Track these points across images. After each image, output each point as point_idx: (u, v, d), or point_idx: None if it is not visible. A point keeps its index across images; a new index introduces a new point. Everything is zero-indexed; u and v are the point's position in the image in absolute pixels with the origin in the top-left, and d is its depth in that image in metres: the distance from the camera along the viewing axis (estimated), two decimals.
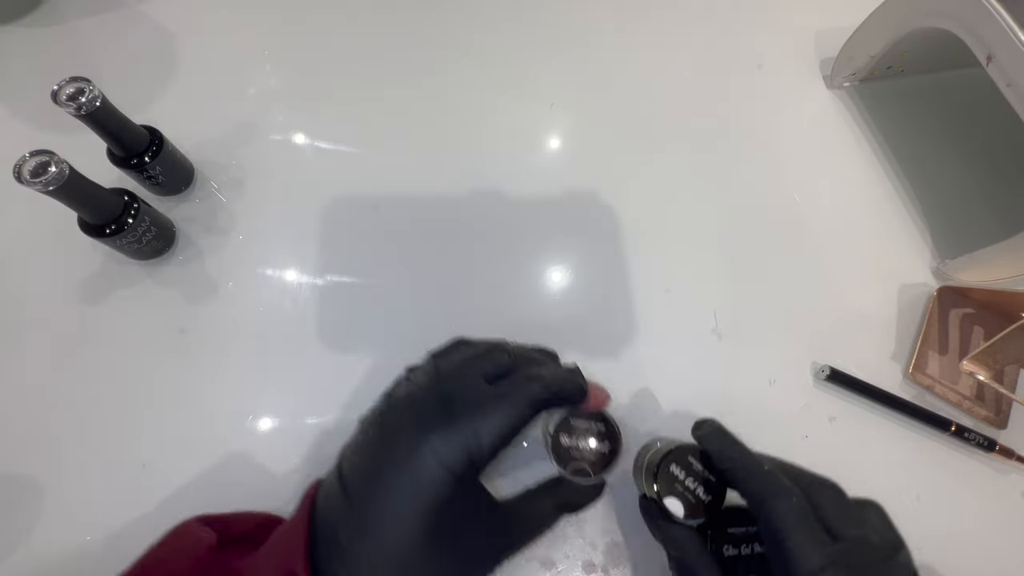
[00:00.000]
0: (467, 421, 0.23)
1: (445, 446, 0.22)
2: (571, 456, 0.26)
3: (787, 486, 0.25)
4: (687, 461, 0.28)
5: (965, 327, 0.42)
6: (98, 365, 0.36)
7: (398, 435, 0.23)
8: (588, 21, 0.51)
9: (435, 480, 0.22)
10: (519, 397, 0.24)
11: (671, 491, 0.27)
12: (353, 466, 0.24)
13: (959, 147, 0.48)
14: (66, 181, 0.30)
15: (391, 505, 0.22)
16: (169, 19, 0.47)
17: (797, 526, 0.23)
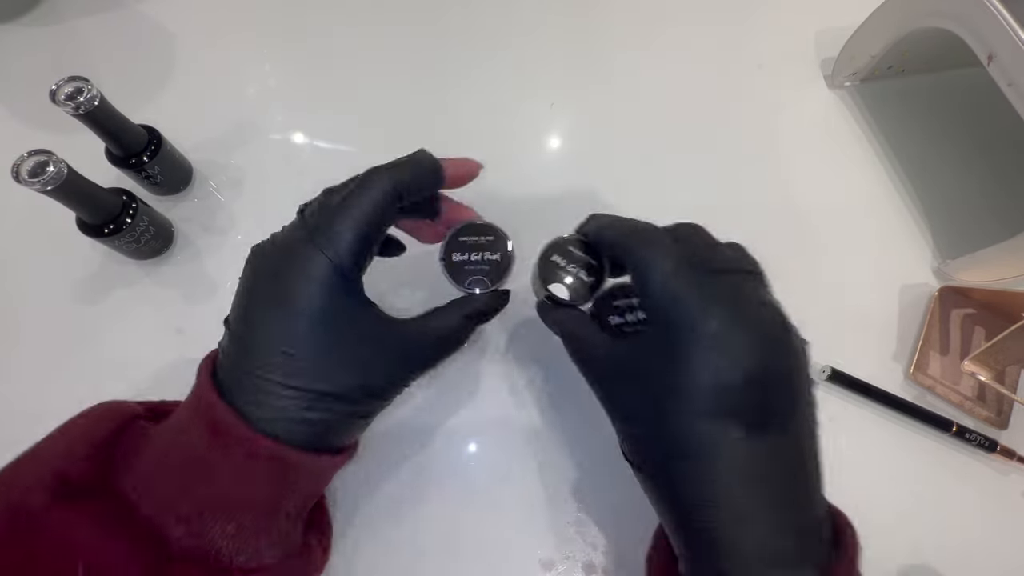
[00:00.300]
0: (320, 230, 0.23)
1: (300, 255, 0.23)
2: (466, 271, 0.28)
3: (650, 225, 0.26)
4: (567, 250, 0.29)
5: (966, 327, 0.42)
6: (96, 365, 0.36)
7: (262, 265, 0.24)
8: (588, 21, 0.50)
9: (295, 286, 0.23)
10: (363, 187, 0.24)
11: (555, 278, 0.28)
12: (232, 306, 0.25)
13: (960, 147, 0.48)
14: (64, 181, 0.30)
15: (269, 323, 0.23)
16: (168, 18, 0.47)
17: (655, 247, 0.23)
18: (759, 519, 0.21)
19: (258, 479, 0.22)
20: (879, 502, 0.37)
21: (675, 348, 0.21)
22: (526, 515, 0.34)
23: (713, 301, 0.21)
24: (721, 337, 0.21)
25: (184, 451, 0.23)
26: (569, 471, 0.36)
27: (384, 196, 0.24)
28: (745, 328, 0.21)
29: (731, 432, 0.21)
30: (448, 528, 0.34)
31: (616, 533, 0.34)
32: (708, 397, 0.21)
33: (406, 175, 0.25)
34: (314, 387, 0.23)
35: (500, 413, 0.37)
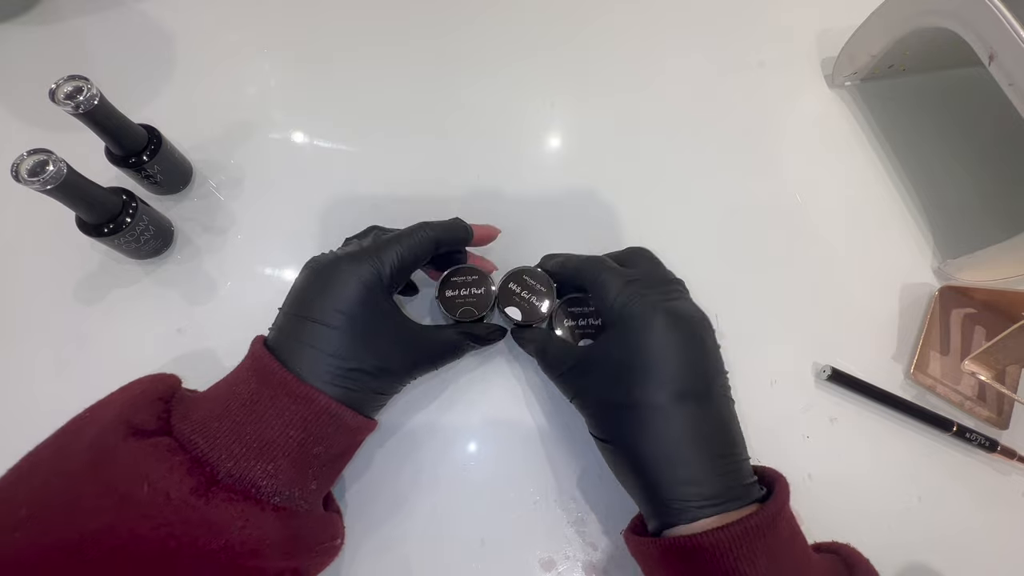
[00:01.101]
0: (372, 251, 0.30)
1: (354, 264, 0.30)
2: (456, 304, 0.35)
3: (599, 256, 0.34)
4: (522, 279, 0.36)
5: (967, 327, 0.42)
6: (96, 365, 0.36)
7: (320, 267, 0.30)
8: (589, 21, 0.50)
9: (347, 285, 0.29)
10: (412, 232, 0.32)
11: (510, 303, 0.35)
12: (288, 299, 0.31)
13: (961, 146, 0.48)
14: (64, 180, 0.30)
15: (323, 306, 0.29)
16: (168, 17, 0.47)
17: (608, 271, 0.32)
18: (696, 468, 0.27)
19: (296, 421, 0.27)
20: (880, 502, 0.37)
21: (628, 339, 0.29)
22: (526, 515, 0.34)
23: (650, 304, 0.29)
24: (659, 326, 0.28)
25: (238, 399, 0.27)
26: (569, 471, 0.36)
27: (425, 241, 0.32)
28: (673, 317, 0.29)
29: (675, 395, 0.28)
30: (448, 528, 0.34)
31: (616, 533, 0.34)
32: (657, 370, 0.28)
33: (444, 232, 0.33)
34: (348, 358, 0.28)
35: (500, 414, 0.37)
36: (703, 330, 0.30)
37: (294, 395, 0.27)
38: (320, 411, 0.27)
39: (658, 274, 0.33)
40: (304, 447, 0.27)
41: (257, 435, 0.26)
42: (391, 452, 0.35)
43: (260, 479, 0.26)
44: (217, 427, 0.26)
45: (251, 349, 0.29)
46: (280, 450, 0.26)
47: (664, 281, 0.32)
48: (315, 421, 0.27)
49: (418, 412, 0.36)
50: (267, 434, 0.26)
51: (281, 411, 0.27)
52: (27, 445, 0.26)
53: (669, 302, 0.30)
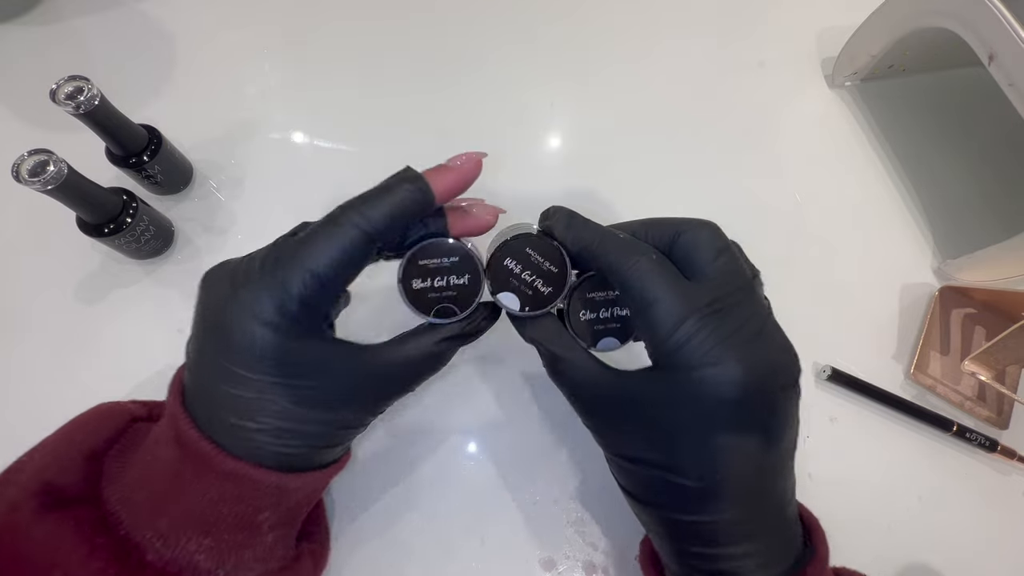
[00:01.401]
0: (270, 274, 0.22)
1: (245, 303, 0.21)
2: (429, 300, 0.24)
3: (643, 246, 0.24)
4: (524, 253, 0.26)
5: (967, 327, 0.41)
6: (97, 365, 0.36)
7: (210, 298, 0.23)
8: (589, 20, 0.50)
9: (244, 333, 0.21)
10: (327, 230, 0.22)
11: (505, 286, 0.25)
12: (192, 329, 0.24)
13: (961, 146, 0.48)
14: (64, 180, 0.30)
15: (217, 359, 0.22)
16: (168, 17, 0.47)
17: (658, 284, 0.22)
18: (750, 541, 0.22)
19: (229, 498, 0.22)
20: (880, 502, 0.37)
21: (686, 393, 0.22)
22: (526, 515, 0.34)
23: (723, 349, 0.21)
24: (736, 386, 0.21)
25: (160, 465, 0.23)
26: (569, 472, 0.36)
27: (351, 246, 0.22)
28: (753, 369, 0.21)
29: (741, 471, 0.22)
30: (448, 528, 0.34)
31: (616, 533, 0.34)
32: (722, 441, 0.22)
33: (381, 216, 0.22)
34: (275, 421, 0.22)
35: (500, 413, 0.37)
36: (793, 392, 0.24)
37: (220, 472, 0.22)
38: (256, 485, 0.22)
39: (734, 281, 0.23)
40: (245, 519, 0.23)
41: (184, 511, 0.22)
42: (390, 452, 0.35)
43: (196, 555, 0.22)
44: (141, 498, 0.22)
45: (169, 394, 0.23)
46: (215, 525, 0.22)
47: (743, 295, 0.23)
48: (253, 496, 0.22)
49: (417, 411, 0.36)
50: (196, 510, 0.22)
51: (207, 488, 0.22)
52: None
53: (754, 345, 0.22)
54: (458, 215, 0.25)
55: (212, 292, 0.23)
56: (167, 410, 0.23)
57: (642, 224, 0.26)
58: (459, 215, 0.25)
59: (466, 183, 0.24)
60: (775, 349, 0.23)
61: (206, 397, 0.23)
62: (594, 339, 0.27)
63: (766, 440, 0.22)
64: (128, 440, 0.24)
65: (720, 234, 0.25)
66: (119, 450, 0.24)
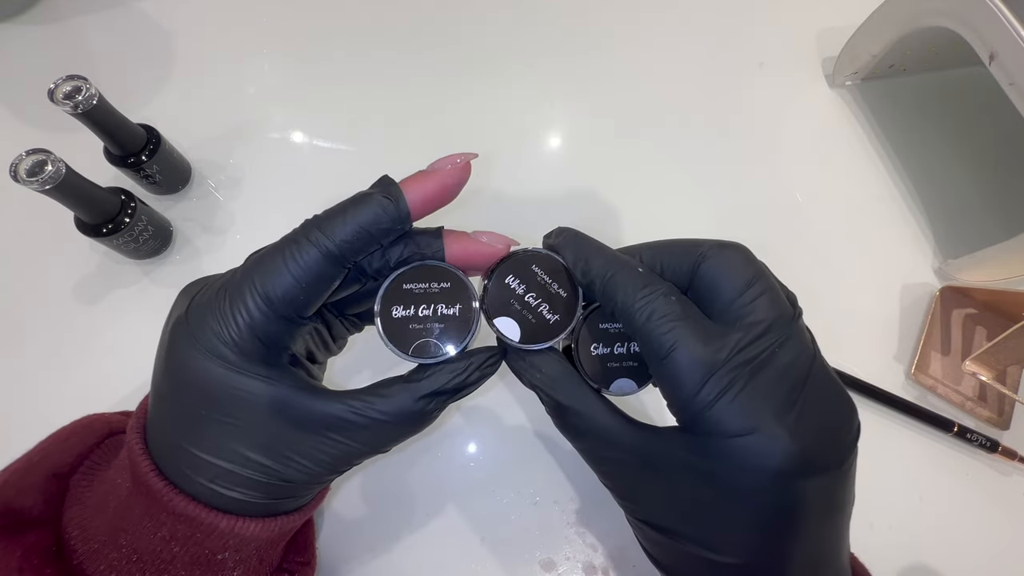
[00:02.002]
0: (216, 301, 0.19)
1: (189, 331, 0.19)
2: (411, 332, 0.20)
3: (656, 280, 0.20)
4: (528, 271, 0.22)
5: (967, 327, 0.41)
6: (95, 365, 0.36)
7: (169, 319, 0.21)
8: (589, 20, 0.50)
9: (187, 366, 0.19)
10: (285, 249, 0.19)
11: (505, 311, 0.21)
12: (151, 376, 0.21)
13: (962, 146, 0.48)
14: (63, 180, 0.29)
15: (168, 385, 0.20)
16: (167, 17, 0.47)
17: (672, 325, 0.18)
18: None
19: (181, 537, 0.20)
20: (880, 502, 0.37)
21: (719, 465, 0.18)
22: (526, 516, 0.34)
23: (763, 410, 0.18)
24: (775, 455, 0.17)
25: (116, 495, 0.21)
26: (569, 471, 0.35)
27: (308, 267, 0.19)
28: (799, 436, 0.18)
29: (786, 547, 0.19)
30: (448, 528, 0.34)
31: (616, 534, 0.34)
32: (766, 517, 0.18)
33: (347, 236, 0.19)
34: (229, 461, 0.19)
35: (500, 414, 0.37)
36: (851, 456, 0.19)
37: (171, 511, 0.19)
38: (209, 529, 0.20)
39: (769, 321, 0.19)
40: (201, 558, 0.20)
41: (134, 546, 0.20)
42: (388, 453, 0.35)
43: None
44: (97, 526, 0.20)
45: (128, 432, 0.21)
46: (168, 563, 0.20)
47: (782, 344, 0.19)
48: (207, 538, 0.20)
49: None
50: (146, 547, 0.20)
51: (157, 526, 0.20)
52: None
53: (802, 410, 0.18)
54: (459, 239, 0.22)
55: (172, 312, 0.21)
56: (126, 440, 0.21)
57: (657, 248, 0.22)
58: (460, 239, 0.21)
59: (448, 191, 0.21)
60: (827, 402, 0.19)
61: (162, 435, 0.20)
62: (607, 379, 0.22)
63: (823, 513, 0.19)
64: (99, 456, 0.23)
65: (750, 258, 0.21)
66: (88, 467, 0.22)
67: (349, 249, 0.19)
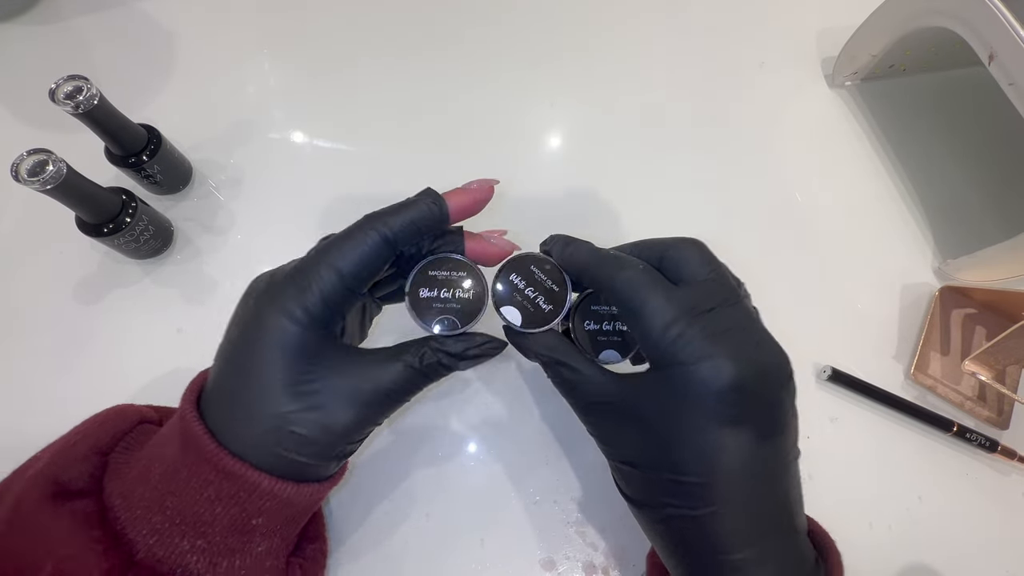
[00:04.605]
0: (295, 278, 0.23)
1: (272, 302, 0.23)
2: (433, 309, 0.26)
3: (631, 260, 0.25)
4: (528, 270, 0.27)
5: (967, 327, 0.41)
6: (96, 365, 0.36)
7: (242, 302, 0.25)
8: (588, 20, 0.50)
9: (267, 330, 0.23)
10: (350, 236, 0.24)
11: (508, 300, 0.27)
12: (225, 331, 0.25)
13: (961, 146, 0.48)
14: (63, 180, 0.30)
15: (241, 354, 0.23)
16: (167, 17, 0.47)
17: (647, 290, 0.23)
18: (756, 548, 0.22)
19: (225, 498, 0.22)
20: (880, 502, 0.37)
21: (682, 394, 0.22)
22: (526, 515, 0.34)
23: (713, 344, 0.22)
24: (728, 385, 0.22)
25: (162, 463, 0.23)
26: (569, 471, 0.36)
27: (371, 250, 0.24)
28: (745, 369, 0.22)
29: (738, 469, 0.22)
30: (448, 528, 0.34)
31: (616, 533, 0.34)
32: (717, 439, 0.22)
33: (399, 225, 0.24)
34: (283, 421, 0.23)
35: (500, 413, 0.37)
36: (786, 384, 0.24)
37: (219, 470, 0.22)
38: (252, 488, 0.23)
39: (722, 290, 0.24)
40: (238, 522, 0.23)
41: (179, 508, 0.22)
42: (390, 452, 0.35)
43: (188, 556, 0.22)
44: (140, 493, 0.23)
45: (183, 398, 0.24)
46: (210, 525, 0.22)
47: (731, 301, 0.24)
48: (248, 498, 0.23)
49: (417, 411, 0.36)
50: (190, 508, 0.22)
51: (204, 486, 0.22)
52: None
53: (744, 346, 0.22)
54: (476, 240, 0.27)
55: (249, 292, 0.25)
56: (178, 409, 0.24)
57: (632, 245, 0.27)
58: (477, 240, 0.27)
59: (478, 205, 0.26)
60: (765, 349, 0.23)
61: (221, 396, 0.24)
62: (596, 350, 0.27)
63: (762, 436, 0.23)
64: (133, 439, 0.25)
65: (706, 250, 0.26)
66: (124, 447, 0.25)
67: (402, 237, 0.24)
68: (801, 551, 0.24)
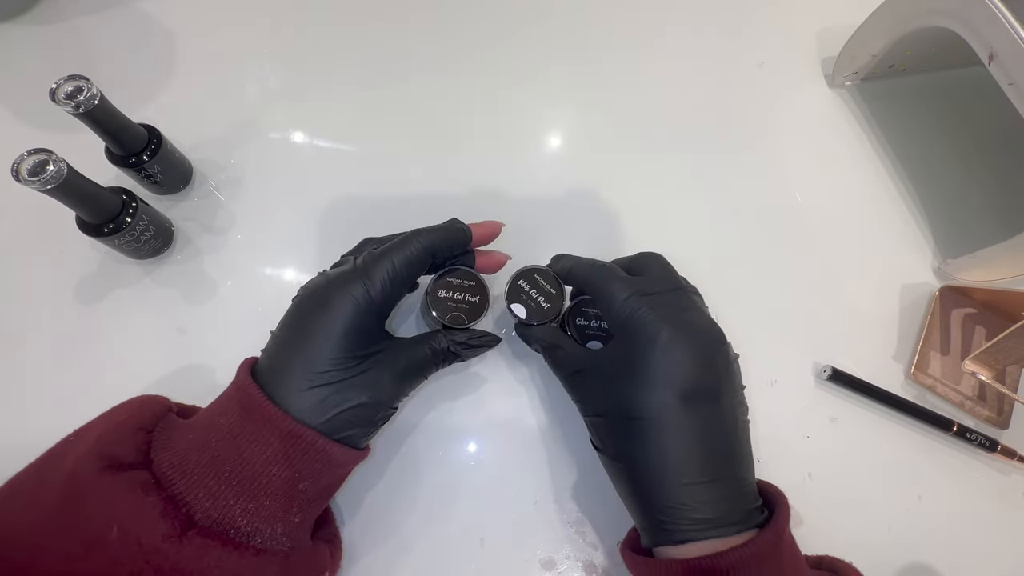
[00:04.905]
0: (361, 270, 0.29)
1: (342, 287, 0.28)
2: (448, 307, 0.33)
3: (602, 262, 0.33)
4: (533, 278, 0.35)
5: (967, 327, 0.42)
6: (96, 365, 0.36)
7: (308, 292, 0.29)
8: (588, 21, 0.50)
9: (337, 310, 0.28)
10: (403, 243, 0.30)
11: (517, 300, 0.34)
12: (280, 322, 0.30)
13: (961, 146, 0.48)
14: (64, 180, 0.30)
15: (315, 331, 0.28)
16: (168, 17, 0.47)
17: (611, 279, 0.30)
18: (697, 490, 0.26)
19: (280, 458, 0.25)
20: (880, 502, 0.37)
21: (632, 350, 0.28)
22: (526, 515, 0.34)
23: (658, 315, 0.28)
24: (665, 339, 0.27)
25: (219, 431, 0.26)
26: (569, 471, 0.36)
27: (419, 252, 0.30)
28: (682, 330, 0.28)
29: (677, 410, 0.27)
30: (448, 528, 0.34)
31: (616, 533, 0.34)
32: (658, 383, 0.27)
33: (439, 238, 0.31)
34: (338, 389, 0.27)
35: (500, 413, 0.37)
36: (715, 344, 0.28)
37: (279, 431, 0.25)
38: (307, 447, 0.26)
39: (669, 282, 0.31)
40: (289, 484, 0.26)
41: (237, 471, 0.25)
42: (390, 452, 0.35)
43: (240, 518, 0.24)
44: (196, 460, 0.25)
45: (237, 375, 0.28)
46: (262, 488, 0.25)
47: (675, 289, 0.30)
48: (301, 458, 0.26)
49: (418, 412, 0.36)
50: (249, 471, 0.25)
51: (264, 447, 0.25)
52: (26, 445, 0.25)
53: (680, 314, 0.28)
54: (482, 255, 0.35)
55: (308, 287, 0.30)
56: (234, 381, 0.28)
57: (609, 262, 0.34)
58: (482, 255, 0.35)
59: (490, 238, 0.35)
60: (701, 322, 0.29)
61: (280, 366, 0.27)
62: (584, 341, 0.35)
63: (706, 391, 0.27)
64: (169, 422, 0.27)
65: (662, 259, 0.33)
66: (164, 425, 0.27)
67: (439, 249, 0.31)
68: (743, 493, 0.27)
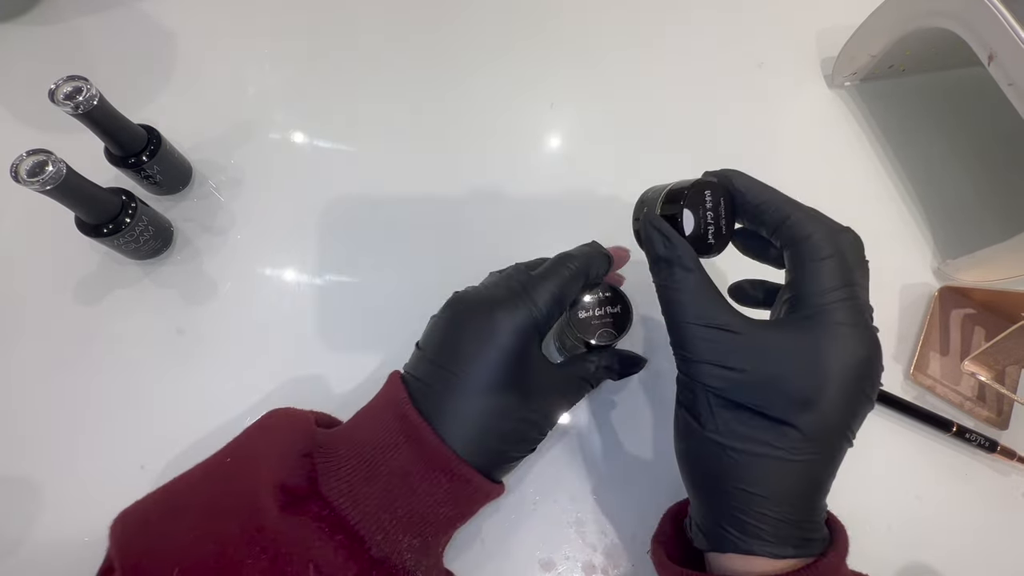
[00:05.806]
0: (526, 295, 0.28)
1: (510, 312, 0.27)
2: (592, 325, 0.31)
3: (840, 233, 0.28)
4: (717, 200, 0.29)
5: (966, 327, 0.41)
6: (96, 366, 0.36)
7: (470, 311, 0.28)
8: (588, 21, 0.50)
9: (504, 335, 0.26)
10: (557, 269, 0.29)
11: (694, 209, 0.28)
12: (431, 341, 0.28)
13: (961, 146, 0.48)
14: (63, 180, 0.30)
15: (472, 358, 0.26)
16: (168, 18, 0.47)
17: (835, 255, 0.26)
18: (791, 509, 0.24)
19: (449, 499, 0.26)
20: (879, 502, 0.37)
21: (828, 332, 0.24)
22: (526, 515, 0.34)
23: (860, 315, 0.25)
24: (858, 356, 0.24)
25: (391, 467, 0.25)
26: (570, 471, 0.36)
27: (574, 276, 0.29)
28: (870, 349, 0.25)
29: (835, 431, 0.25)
30: None
31: (616, 534, 0.34)
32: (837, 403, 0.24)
33: (589, 265, 0.30)
34: (502, 420, 0.26)
35: None
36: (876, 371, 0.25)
37: (451, 473, 0.25)
38: (474, 491, 0.26)
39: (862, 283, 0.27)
40: (451, 521, 0.26)
41: (408, 509, 0.25)
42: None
43: (405, 553, 0.25)
44: (367, 492, 0.25)
45: (391, 393, 0.27)
46: (430, 525, 0.26)
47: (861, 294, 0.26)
48: (467, 500, 0.26)
49: None
50: (420, 509, 0.25)
51: (435, 487, 0.25)
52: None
53: (870, 326, 0.25)
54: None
55: (467, 307, 0.28)
56: (394, 408, 0.26)
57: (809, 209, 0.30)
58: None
59: (622, 263, 0.34)
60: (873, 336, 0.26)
61: (441, 394, 0.26)
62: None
63: (855, 427, 0.25)
64: (323, 442, 0.27)
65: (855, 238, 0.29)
66: (321, 450, 0.26)
67: (587, 273, 0.30)
68: (816, 522, 0.25)
